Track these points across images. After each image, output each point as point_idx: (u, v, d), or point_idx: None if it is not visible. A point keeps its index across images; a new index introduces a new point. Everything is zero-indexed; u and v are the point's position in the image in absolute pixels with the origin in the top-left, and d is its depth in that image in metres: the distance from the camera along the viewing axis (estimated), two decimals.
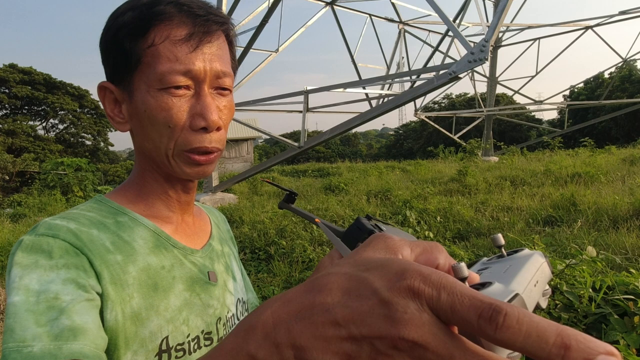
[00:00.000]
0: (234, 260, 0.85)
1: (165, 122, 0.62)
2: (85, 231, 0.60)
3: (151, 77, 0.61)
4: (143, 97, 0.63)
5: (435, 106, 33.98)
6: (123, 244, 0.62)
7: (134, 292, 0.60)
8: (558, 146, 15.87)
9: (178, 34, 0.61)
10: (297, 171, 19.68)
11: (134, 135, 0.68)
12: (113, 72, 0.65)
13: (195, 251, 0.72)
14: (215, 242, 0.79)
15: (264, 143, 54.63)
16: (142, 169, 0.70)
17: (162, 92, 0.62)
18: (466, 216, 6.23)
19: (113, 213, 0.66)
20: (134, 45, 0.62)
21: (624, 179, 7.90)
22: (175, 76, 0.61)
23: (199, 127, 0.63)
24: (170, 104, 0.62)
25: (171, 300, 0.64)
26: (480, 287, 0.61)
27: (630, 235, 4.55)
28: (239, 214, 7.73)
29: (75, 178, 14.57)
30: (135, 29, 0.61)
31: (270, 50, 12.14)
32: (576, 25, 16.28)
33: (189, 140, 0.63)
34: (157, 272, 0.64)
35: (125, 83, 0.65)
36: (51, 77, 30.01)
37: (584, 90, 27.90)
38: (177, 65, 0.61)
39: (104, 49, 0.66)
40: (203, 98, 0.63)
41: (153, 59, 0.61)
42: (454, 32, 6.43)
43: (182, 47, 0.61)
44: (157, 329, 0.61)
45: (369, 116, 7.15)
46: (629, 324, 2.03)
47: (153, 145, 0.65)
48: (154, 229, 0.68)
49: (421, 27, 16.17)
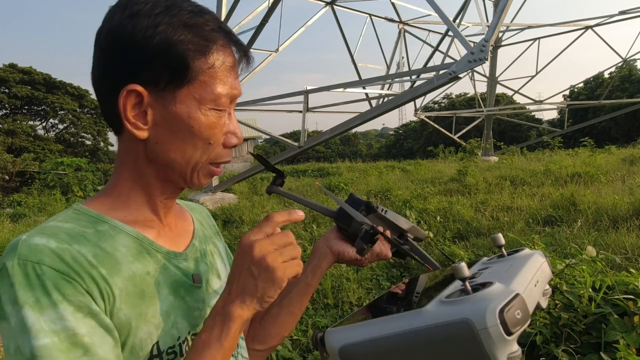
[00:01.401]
0: (218, 257, 0.85)
1: (208, 138, 0.67)
2: (67, 249, 0.58)
3: (206, 95, 0.65)
4: (191, 112, 0.65)
5: (435, 106, 33.97)
6: (105, 256, 0.62)
7: (122, 303, 0.60)
8: (558, 146, 15.86)
9: (229, 61, 0.68)
10: (297, 171, 19.67)
11: (151, 143, 0.67)
12: (150, 77, 0.63)
13: (179, 254, 0.73)
14: (198, 242, 0.80)
15: (264, 143, 54.63)
16: (129, 175, 0.70)
17: (212, 111, 0.66)
18: (466, 216, 6.23)
19: (92, 222, 0.65)
20: (194, 62, 0.64)
21: (624, 179, 7.90)
22: (226, 99, 0.67)
23: (233, 144, 0.71)
24: (217, 123, 0.67)
25: (159, 306, 0.65)
26: (481, 287, 0.61)
27: (630, 235, 4.55)
28: (239, 213, 7.73)
29: (75, 178, 14.58)
30: (198, 47, 0.64)
31: (270, 50, 12.14)
32: (576, 25, 16.28)
33: (220, 154, 0.70)
34: (142, 279, 0.64)
35: (163, 91, 0.64)
36: (51, 77, 29.99)
37: (584, 90, 27.90)
38: (229, 90, 0.67)
39: (137, 49, 0.63)
40: (234, 119, 0.71)
41: (211, 79, 0.65)
42: (454, 32, 6.43)
43: (231, 73, 0.68)
44: (146, 335, 0.62)
45: (369, 116, 7.16)
46: (629, 323, 2.03)
47: (182, 156, 0.67)
48: (136, 235, 0.67)
49: (421, 27, 16.17)
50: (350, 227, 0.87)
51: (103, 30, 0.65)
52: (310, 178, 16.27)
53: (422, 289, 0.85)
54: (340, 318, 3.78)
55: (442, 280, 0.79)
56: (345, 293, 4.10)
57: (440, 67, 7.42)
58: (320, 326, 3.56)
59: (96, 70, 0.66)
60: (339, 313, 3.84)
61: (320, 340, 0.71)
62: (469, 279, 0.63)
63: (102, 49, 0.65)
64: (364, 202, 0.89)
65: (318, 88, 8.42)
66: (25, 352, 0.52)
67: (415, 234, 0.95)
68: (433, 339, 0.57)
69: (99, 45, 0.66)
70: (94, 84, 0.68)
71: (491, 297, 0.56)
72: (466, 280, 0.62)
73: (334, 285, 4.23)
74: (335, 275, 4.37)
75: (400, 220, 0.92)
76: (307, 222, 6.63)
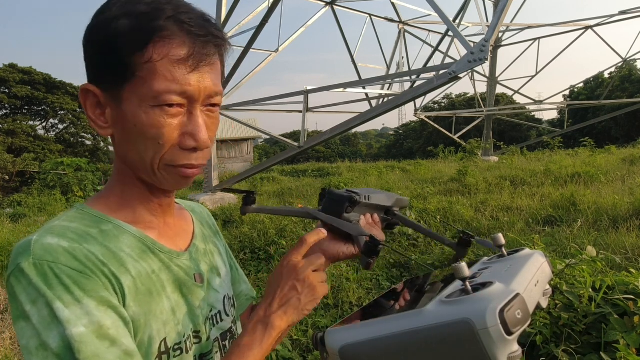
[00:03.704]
0: (218, 256, 0.85)
1: (155, 138, 0.62)
2: (78, 248, 0.59)
3: (145, 92, 0.60)
4: (134, 111, 0.62)
5: (435, 106, 33.96)
6: (112, 255, 0.62)
7: (131, 301, 0.61)
8: (558, 146, 15.86)
9: (177, 53, 0.60)
10: (297, 171, 19.67)
11: (116, 141, 0.68)
12: (99, 75, 0.63)
13: (181, 254, 0.73)
14: (199, 242, 0.81)
15: (264, 143, 54.61)
16: (122, 175, 0.70)
17: (155, 108, 0.61)
18: (466, 216, 6.23)
19: (96, 222, 0.66)
20: (130, 57, 0.60)
21: (624, 179, 7.90)
22: (171, 96, 0.61)
23: (190, 147, 0.64)
24: (163, 122, 0.62)
25: (165, 303, 0.66)
26: (481, 287, 0.61)
27: (630, 235, 4.55)
28: (239, 213, 7.72)
29: (75, 178, 14.57)
30: (133, 41, 0.60)
31: (270, 50, 12.13)
32: (576, 25, 16.27)
33: (177, 157, 0.64)
34: (148, 278, 0.65)
35: (112, 90, 0.63)
36: (51, 77, 29.97)
37: (584, 90, 27.89)
38: (174, 86, 0.60)
39: (90, 48, 0.63)
40: (195, 119, 0.64)
41: (149, 75, 0.60)
42: (454, 32, 6.43)
43: (180, 67, 0.61)
44: (155, 332, 0.64)
45: (369, 116, 7.15)
46: (629, 323, 2.03)
47: (138, 156, 0.65)
48: (139, 235, 0.68)
49: (421, 27, 16.15)
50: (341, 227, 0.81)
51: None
52: (311, 178, 16.28)
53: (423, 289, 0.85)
54: (340, 318, 3.78)
55: (442, 280, 0.79)
56: (345, 293, 4.10)
57: (440, 67, 7.42)
58: (320, 326, 3.56)
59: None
60: (339, 313, 3.84)
61: (320, 340, 0.71)
62: (469, 278, 0.63)
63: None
64: (346, 198, 0.81)
65: (318, 88, 8.42)
66: (52, 345, 0.53)
67: (400, 205, 0.95)
68: (433, 339, 0.57)
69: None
70: None
71: (491, 297, 0.56)
72: (466, 280, 0.61)
73: (334, 285, 4.23)
74: (335, 275, 4.37)
75: (382, 198, 0.90)
76: (307, 222, 6.63)
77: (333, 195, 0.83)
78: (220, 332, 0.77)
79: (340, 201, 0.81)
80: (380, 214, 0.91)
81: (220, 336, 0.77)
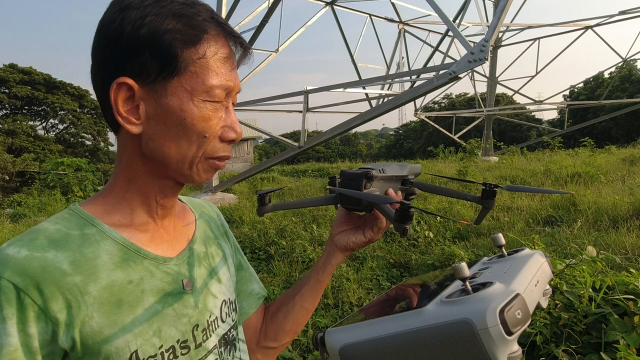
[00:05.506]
0: (221, 259, 0.83)
1: (202, 131, 0.65)
2: (38, 257, 0.59)
3: (198, 87, 0.63)
4: (183, 105, 0.63)
5: (435, 106, 33.97)
6: (85, 262, 0.62)
7: (94, 311, 0.60)
8: (558, 146, 15.84)
9: (223, 52, 0.66)
10: (297, 171, 19.67)
11: (145, 138, 0.65)
12: (139, 69, 0.62)
13: (169, 259, 0.71)
14: (198, 245, 0.78)
15: (264, 143, 54.62)
16: (132, 173, 0.69)
17: (206, 102, 0.64)
18: (466, 216, 6.23)
19: (81, 225, 0.65)
20: (182, 52, 0.62)
21: (624, 179, 7.90)
22: (220, 91, 0.65)
23: (230, 138, 0.69)
24: (212, 115, 0.66)
25: (139, 314, 0.64)
26: (481, 287, 0.61)
27: (630, 235, 4.55)
28: (239, 213, 7.73)
29: (75, 178, 14.56)
30: (186, 38, 0.62)
31: (270, 50, 12.13)
32: (576, 25, 16.27)
33: (217, 149, 0.68)
34: (122, 288, 0.64)
35: (155, 84, 0.63)
36: (51, 77, 29.98)
37: (584, 90, 27.89)
38: (223, 81, 0.65)
39: (126, 43, 0.61)
40: (232, 112, 0.69)
41: (202, 70, 0.63)
42: (454, 32, 6.43)
43: (225, 65, 0.66)
44: (123, 344, 0.62)
45: (369, 116, 7.15)
46: (629, 323, 2.03)
47: (178, 151, 0.65)
48: (122, 241, 0.66)
49: (421, 27, 16.16)
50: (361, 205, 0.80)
51: (97, 27, 0.65)
52: (311, 178, 16.27)
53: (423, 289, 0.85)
54: (340, 318, 3.78)
55: (442, 280, 0.79)
56: (345, 293, 4.10)
57: (440, 67, 7.42)
58: (320, 326, 3.56)
59: (92, 68, 0.66)
60: (339, 313, 3.84)
61: (320, 340, 0.71)
62: (469, 279, 0.63)
63: (95, 45, 0.64)
64: (362, 174, 0.79)
65: (318, 88, 8.41)
66: None
67: (413, 172, 0.94)
68: (433, 339, 0.57)
69: (93, 42, 0.65)
70: (92, 83, 0.67)
71: (491, 297, 0.56)
72: (466, 280, 0.62)
73: (334, 285, 4.23)
74: (335, 275, 4.37)
75: (396, 168, 0.90)
76: (307, 222, 6.63)
77: (348, 175, 0.81)
78: (217, 338, 0.75)
79: (357, 179, 0.79)
80: (397, 186, 0.89)
81: (217, 343, 0.74)
